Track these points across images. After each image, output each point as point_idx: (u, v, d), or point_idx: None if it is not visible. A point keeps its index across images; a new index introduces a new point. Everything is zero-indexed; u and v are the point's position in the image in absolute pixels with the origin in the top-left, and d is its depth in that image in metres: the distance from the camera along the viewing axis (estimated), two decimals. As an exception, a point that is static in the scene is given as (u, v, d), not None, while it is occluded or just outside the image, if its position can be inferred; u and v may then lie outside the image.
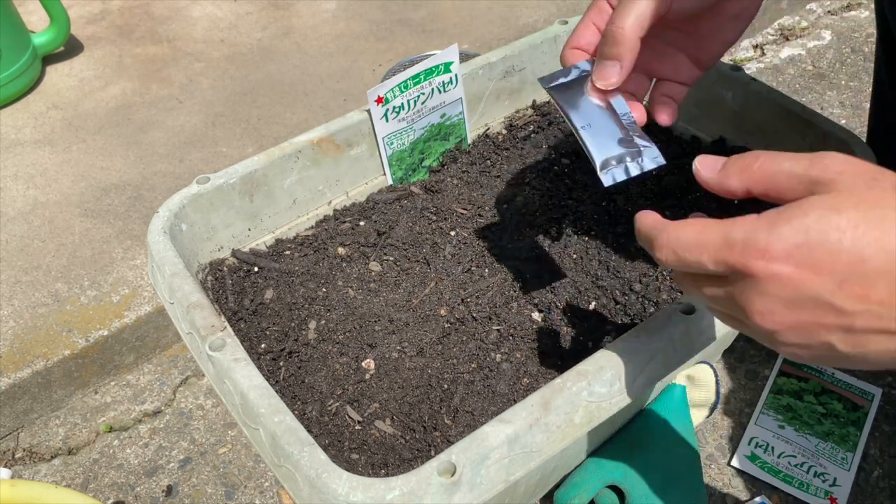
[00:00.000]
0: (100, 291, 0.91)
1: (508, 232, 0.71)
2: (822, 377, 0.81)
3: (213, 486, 0.79)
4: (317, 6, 1.47)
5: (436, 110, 0.75)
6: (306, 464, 0.45)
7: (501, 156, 0.80)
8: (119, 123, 1.20)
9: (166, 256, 0.60)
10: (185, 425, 0.85)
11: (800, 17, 1.45)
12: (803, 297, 0.31)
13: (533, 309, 0.65)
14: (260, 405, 0.48)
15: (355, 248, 0.71)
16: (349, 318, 0.64)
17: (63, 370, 0.86)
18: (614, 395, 0.51)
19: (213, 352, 0.52)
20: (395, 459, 0.56)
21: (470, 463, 0.45)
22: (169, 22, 1.45)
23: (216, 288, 0.67)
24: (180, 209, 0.65)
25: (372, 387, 0.60)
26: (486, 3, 1.43)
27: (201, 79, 1.29)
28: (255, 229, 0.71)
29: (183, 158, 1.12)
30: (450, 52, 0.72)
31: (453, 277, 0.67)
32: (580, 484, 0.67)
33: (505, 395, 0.59)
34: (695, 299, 0.40)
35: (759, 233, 0.32)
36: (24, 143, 1.17)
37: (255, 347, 0.63)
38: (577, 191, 0.74)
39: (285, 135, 1.15)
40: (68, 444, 0.84)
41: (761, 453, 0.76)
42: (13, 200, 1.06)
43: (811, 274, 0.31)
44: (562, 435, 0.49)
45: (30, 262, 0.96)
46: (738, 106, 0.74)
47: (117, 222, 1.01)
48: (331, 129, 0.72)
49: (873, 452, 0.76)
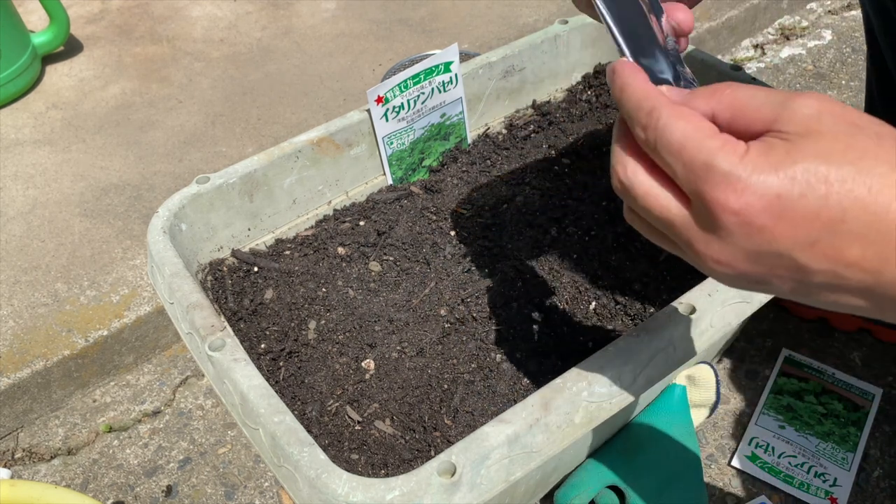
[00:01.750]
0: (99, 291, 0.91)
1: (508, 232, 0.71)
2: (823, 377, 0.81)
3: (212, 487, 0.79)
4: (317, 6, 1.47)
5: (436, 110, 0.75)
6: (306, 464, 0.45)
7: (501, 156, 0.80)
8: (119, 123, 1.20)
9: (166, 256, 0.60)
10: (185, 425, 0.85)
11: (800, 17, 1.45)
12: (769, 251, 0.30)
13: (533, 309, 0.65)
14: (260, 405, 0.48)
15: (355, 248, 0.71)
16: (349, 318, 0.64)
17: (63, 370, 0.85)
18: (614, 395, 0.50)
19: (212, 352, 0.52)
20: (395, 460, 0.56)
21: (470, 463, 0.45)
22: (169, 21, 1.45)
23: (216, 288, 0.67)
24: (180, 209, 0.65)
25: (372, 387, 0.60)
26: (486, 2, 1.43)
27: (201, 78, 1.29)
28: (255, 229, 0.71)
29: (182, 158, 1.12)
30: (450, 52, 0.72)
31: (453, 277, 0.67)
32: (580, 484, 0.67)
33: (505, 395, 0.59)
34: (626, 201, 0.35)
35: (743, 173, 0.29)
36: (24, 142, 1.17)
37: (255, 347, 0.63)
38: (577, 191, 0.74)
39: (285, 135, 1.15)
40: (68, 444, 0.84)
41: (762, 453, 0.76)
42: (13, 200, 1.06)
43: (786, 228, 0.29)
44: (562, 435, 0.49)
45: (29, 261, 0.96)
46: (738, 106, 0.74)
47: (117, 222, 1.01)
48: (330, 129, 0.72)
49: (874, 452, 0.75)
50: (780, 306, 0.86)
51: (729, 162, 0.30)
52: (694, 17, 0.46)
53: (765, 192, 0.29)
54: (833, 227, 0.28)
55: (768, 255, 0.30)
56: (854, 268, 0.29)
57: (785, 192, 0.29)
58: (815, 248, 0.29)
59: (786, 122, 0.31)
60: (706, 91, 0.34)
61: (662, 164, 0.32)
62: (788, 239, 0.29)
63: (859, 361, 0.83)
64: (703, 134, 0.31)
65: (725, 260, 0.31)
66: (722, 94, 0.33)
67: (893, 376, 0.81)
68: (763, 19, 1.41)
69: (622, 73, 0.35)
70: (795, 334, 0.86)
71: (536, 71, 0.84)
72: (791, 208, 0.29)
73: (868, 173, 0.28)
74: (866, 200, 0.28)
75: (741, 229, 0.30)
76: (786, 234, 0.29)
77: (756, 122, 0.32)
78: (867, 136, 0.29)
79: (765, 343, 0.85)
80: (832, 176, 0.28)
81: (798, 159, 0.29)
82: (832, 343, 0.84)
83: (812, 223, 0.28)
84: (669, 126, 0.32)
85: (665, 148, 0.32)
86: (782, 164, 0.29)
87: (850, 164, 0.28)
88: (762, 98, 0.32)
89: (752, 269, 0.31)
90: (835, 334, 0.85)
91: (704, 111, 0.33)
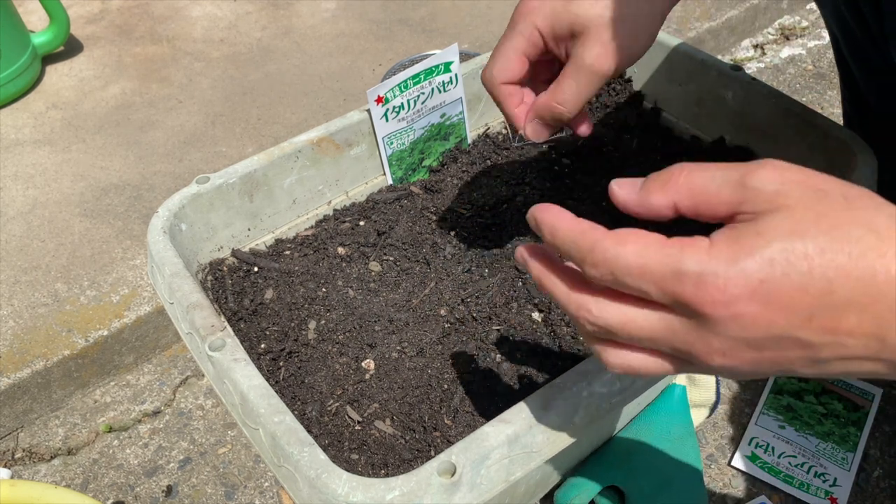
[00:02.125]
0: (99, 291, 0.91)
1: (508, 232, 0.71)
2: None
3: (212, 487, 0.79)
4: (317, 6, 1.47)
5: (436, 110, 0.75)
6: (306, 464, 0.45)
7: (501, 156, 0.80)
8: (119, 123, 1.20)
9: (166, 256, 0.60)
10: (185, 425, 0.85)
11: (800, 17, 1.45)
12: (769, 336, 0.29)
13: (533, 309, 0.65)
14: (260, 405, 0.48)
15: (355, 248, 0.71)
16: (349, 318, 0.64)
17: (63, 370, 0.85)
18: (614, 395, 0.50)
19: (212, 352, 0.52)
20: (395, 459, 0.56)
21: (470, 463, 0.45)
22: (169, 21, 1.45)
23: (216, 288, 0.67)
24: (180, 209, 0.65)
25: (372, 387, 0.60)
26: (486, 2, 1.43)
27: (201, 78, 1.29)
28: (255, 229, 0.71)
29: (182, 158, 1.12)
30: (450, 52, 0.72)
31: (453, 277, 0.67)
32: (580, 484, 0.67)
33: (505, 395, 0.59)
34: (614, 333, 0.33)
35: (718, 267, 0.28)
36: (24, 142, 1.17)
37: (255, 347, 0.63)
38: (577, 191, 0.74)
39: (285, 135, 1.15)
40: (68, 444, 0.84)
41: (762, 453, 0.76)
42: (13, 200, 1.06)
43: (778, 311, 0.28)
44: (562, 435, 0.49)
45: (29, 261, 0.96)
46: (738, 106, 0.74)
47: (117, 222, 1.01)
48: (330, 129, 0.72)
49: (874, 453, 0.76)
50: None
51: (696, 261, 0.29)
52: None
53: (746, 280, 0.28)
54: (823, 300, 0.28)
55: (769, 340, 0.29)
56: (855, 336, 0.28)
57: (766, 275, 0.28)
58: (812, 323, 0.28)
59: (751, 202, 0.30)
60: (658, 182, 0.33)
61: (629, 290, 0.31)
62: (783, 320, 0.28)
63: (859, 361, 0.83)
64: (657, 245, 0.30)
65: (730, 353, 0.30)
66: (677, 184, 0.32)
67: (893, 376, 0.81)
68: (763, 19, 1.41)
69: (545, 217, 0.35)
70: (795, 334, 0.85)
71: (536, 71, 0.84)
72: (777, 290, 0.28)
73: (844, 240, 0.27)
74: (848, 267, 0.27)
75: (734, 322, 0.29)
76: (779, 317, 0.28)
77: (720, 207, 0.31)
78: (835, 201, 0.29)
79: (765, 343, 0.85)
80: (810, 250, 0.28)
81: (771, 239, 0.28)
82: (832, 343, 0.84)
83: (802, 299, 0.28)
84: (620, 253, 0.31)
85: (626, 275, 0.31)
86: (756, 247, 0.28)
87: (824, 234, 0.28)
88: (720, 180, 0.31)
89: (759, 356, 0.30)
90: (835, 334, 0.85)
91: (665, 203, 0.32)
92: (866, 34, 0.64)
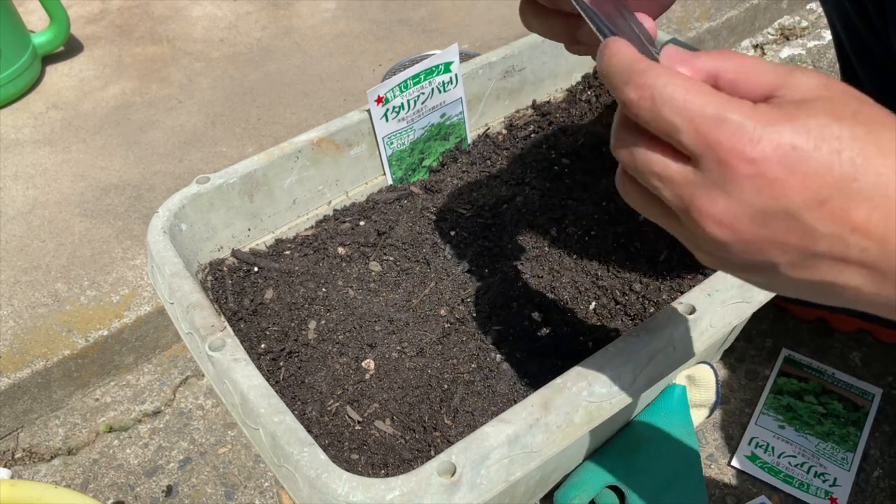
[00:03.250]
0: (99, 291, 0.91)
1: (508, 232, 0.71)
2: (823, 377, 0.81)
3: (212, 487, 0.79)
4: (317, 6, 1.47)
5: (436, 110, 0.75)
6: (306, 464, 0.45)
7: (501, 156, 0.80)
8: (119, 123, 1.20)
9: (166, 256, 0.60)
10: (185, 425, 0.85)
11: (800, 17, 1.45)
12: (777, 208, 0.29)
13: (533, 309, 0.65)
14: (260, 405, 0.48)
15: (355, 248, 0.71)
16: (349, 318, 0.64)
17: (63, 370, 0.85)
18: (614, 395, 0.50)
19: (212, 352, 0.52)
20: (395, 459, 0.56)
21: (470, 463, 0.45)
22: (169, 22, 1.45)
23: (216, 288, 0.67)
24: (180, 209, 0.65)
25: (372, 387, 0.60)
26: (486, 3, 1.43)
27: (201, 78, 1.29)
28: (255, 229, 0.71)
29: (182, 158, 1.12)
30: (450, 52, 0.72)
31: (453, 277, 0.67)
32: (580, 484, 0.67)
33: (505, 395, 0.59)
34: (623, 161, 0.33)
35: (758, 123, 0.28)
36: (24, 142, 1.17)
37: (255, 347, 0.63)
38: (577, 191, 0.74)
39: (285, 135, 1.15)
40: (68, 444, 0.84)
41: (761, 453, 0.76)
42: (13, 200, 1.06)
43: (798, 183, 0.28)
44: (562, 435, 0.49)
45: (29, 261, 0.96)
46: (738, 106, 0.74)
47: (117, 222, 1.01)
48: (330, 129, 0.72)
49: (873, 453, 0.76)
50: (779, 307, 0.86)
51: (741, 113, 0.29)
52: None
53: (780, 142, 0.28)
54: (844, 185, 0.28)
55: (776, 214, 0.29)
56: (859, 233, 0.28)
57: (800, 143, 0.28)
58: (823, 207, 0.28)
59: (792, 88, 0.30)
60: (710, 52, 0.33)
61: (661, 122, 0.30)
62: (799, 195, 0.28)
63: (859, 361, 0.83)
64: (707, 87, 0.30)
65: (729, 221, 0.29)
66: (726, 55, 0.32)
67: (893, 376, 0.81)
68: (763, 19, 1.41)
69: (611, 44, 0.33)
70: (795, 334, 0.86)
71: (536, 71, 0.84)
72: (805, 161, 0.28)
73: (878, 136, 0.28)
74: (876, 161, 0.27)
75: (753, 182, 0.28)
76: (798, 190, 0.28)
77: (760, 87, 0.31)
78: (874, 106, 0.29)
79: (765, 343, 0.85)
80: (844, 133, 0.28)
81: (811, 114, 0.28)
82: (832, 343, 0.84)
83: (824, 179, 0.28)
84: (670, 83, 0.30)
85: (666, 103, 0.30)
86: (796, 116, 0.28)
87: (861, 125, 0.28)
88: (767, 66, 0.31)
89: (756, 232, 0.29)
90: (835, 334, 0.85)
91: (709, 69, 0.32)
92: (869, 27, 0.64)
